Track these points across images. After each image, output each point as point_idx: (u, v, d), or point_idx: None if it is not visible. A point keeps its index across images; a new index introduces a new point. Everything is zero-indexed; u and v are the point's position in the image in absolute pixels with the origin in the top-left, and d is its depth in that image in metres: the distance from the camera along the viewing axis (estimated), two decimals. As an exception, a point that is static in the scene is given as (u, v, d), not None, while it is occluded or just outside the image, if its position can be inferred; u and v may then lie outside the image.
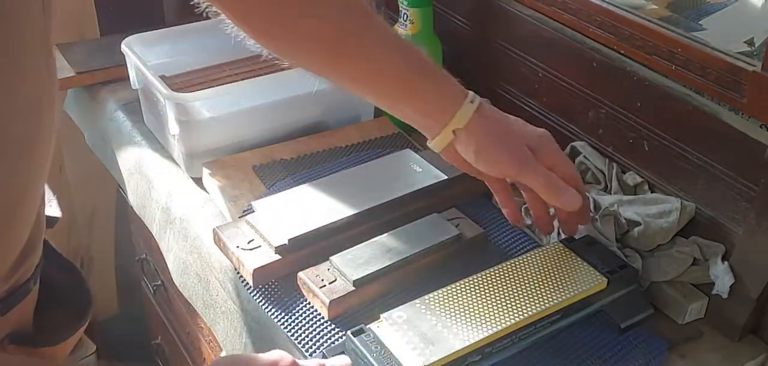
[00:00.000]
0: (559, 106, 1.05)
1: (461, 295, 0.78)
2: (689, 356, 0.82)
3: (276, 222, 0.89)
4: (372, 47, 0.80)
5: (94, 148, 1.29)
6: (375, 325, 0.75)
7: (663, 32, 0.89)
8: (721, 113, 0.85)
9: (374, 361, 0.71)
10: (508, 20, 1.10)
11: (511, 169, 0.81)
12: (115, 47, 1.13)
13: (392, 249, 0.87)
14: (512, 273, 0.82)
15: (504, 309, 0.77)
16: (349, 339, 0.74)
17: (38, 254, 0.64)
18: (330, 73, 0.83)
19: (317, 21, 0.78)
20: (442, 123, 0.80)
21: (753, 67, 0.78)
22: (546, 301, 0.78)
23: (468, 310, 0.76)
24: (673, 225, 0.87)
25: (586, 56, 0.99)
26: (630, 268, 0.85)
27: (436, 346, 0.72)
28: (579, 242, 0.87)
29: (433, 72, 0.82)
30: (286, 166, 1.04)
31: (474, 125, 0.79)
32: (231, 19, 0.79)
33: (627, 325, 0.82)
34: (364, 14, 0.79)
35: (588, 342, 0.81)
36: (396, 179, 0.98)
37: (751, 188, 0.82)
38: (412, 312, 0.76)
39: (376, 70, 0.81)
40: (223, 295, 0.92)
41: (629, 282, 0.84)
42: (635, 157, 0.96)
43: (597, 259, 0.84)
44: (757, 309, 0.83)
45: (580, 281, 0.81)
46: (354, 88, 0.85)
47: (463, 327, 0.75)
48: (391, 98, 0.84)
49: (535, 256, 0.84)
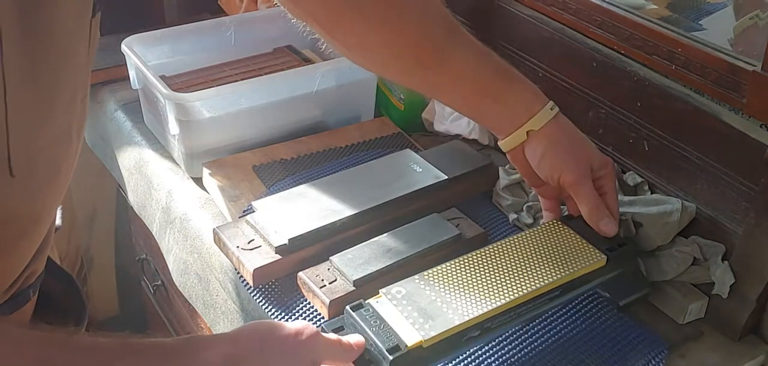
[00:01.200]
0: (559, 106, 1.05)
1: (460, 271, 0.79)
2: (689, 356, 0.82)
3: (276, 222, 0.89)
4: (452, 58, 0.83)
5: (94, 148, 1.29)
6: (374, 300, 0.75)
7: (663, 32, 0.89)
8: (721, 113, 0.85)
9: (373, 335, 0.72)
10: (508, 20, 1.10)
11: (569, 178, 0.84)
12: (115, 47, 1.13)
13: (392, 249, 0.87)
14: (511, 250, 0.82)
15: (503, 285, 0.78)
16: (348, 313, 0.74)
17: (42, 265, 0.65)
18: (408, 83, 0.91)
19: (391, 32, 0.81)
20: (518, 124, 0.84)
21: (753, 67, 0.78)
22: (545, 278, 0.79)
23: (467, 286, 0.77)
24: (674, 226, 0.87)
25: (586, 56, 0.99)
26: (630, 245, 0.85)
27: (434, 320, 0.73)
28: (578, 220, 0.87)
29: (516, 77, 0.86)
30: (286, 166, 1.04)
31: (548, 130, 0.84)
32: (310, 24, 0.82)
33: (625, 303, 0.82)
34: (445, 24, 0.83)
35: (584, 320, 0.81)
36: (396, 179, 0.97)
37: (751, 188, 0.82)
38: (411, 287, 0.76)
39: (455, 79, 0.84)
40: (223, 295, 0.92)
41: (629, 260, 0.85)
42: (635, 157, 0.96)
43: (596, 236, 0.85)
44: (757, 309, 0.83)
45: (580, 258, 0.82)
46: (434, 95, 0.92)
47: (461, 302, 0.75)
48: (472, 103, 0.87)
49: (534, 234, 0.85)
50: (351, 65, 1.10)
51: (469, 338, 0.75)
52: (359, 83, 1.13)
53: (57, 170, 0.57)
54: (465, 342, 0.75)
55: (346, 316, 0.75)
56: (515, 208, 0.97)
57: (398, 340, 0.71)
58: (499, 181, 1.00)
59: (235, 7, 1.34)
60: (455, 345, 0.74)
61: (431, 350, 0.72)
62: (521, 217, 0.96)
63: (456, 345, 0.74)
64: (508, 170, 1.01)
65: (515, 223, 0.96)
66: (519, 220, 0.96)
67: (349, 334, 0.73)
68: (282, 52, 1.21)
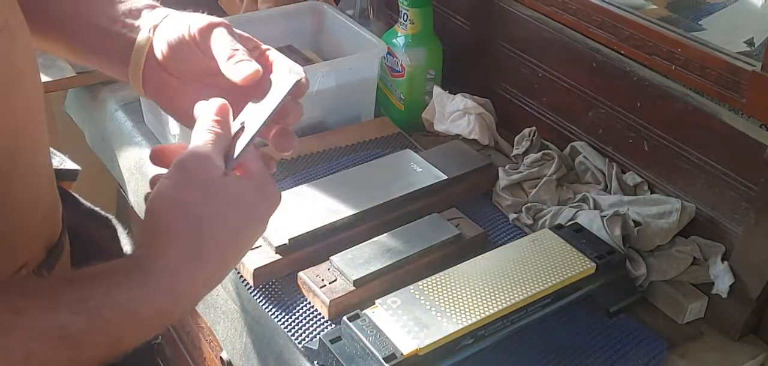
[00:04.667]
0: (559, 106, 1.05)
1: (454, 280, 0.80)
2: (689, 356, 0.82)
3: (276, 222, 0.88)
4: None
5: (95, 148, 1.29)
6: (370, 310, 0.77)
7: (663, 32, 0.89)
8: (721, 113, 0.85)
9: (370, 344, 0.73)
10: (508, 20, 1.10)
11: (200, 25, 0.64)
12: (115, 47, 1.13)
13: (392, 249, 0.87)
14: (503, 259, 0.83)
15: (496, 293, 0.79)
16: (345, 324, 0.75)
17: (59, 208, 0.64)
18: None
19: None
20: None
21: (753, 67, 0.78)
22: (536, 286, 0.80)
23: (460, 295, 0.78)
24: (673, 226, 0.87)
25: (586, 56, 0.99)
26: (617, 253, 0.86)
27: (429, 329, 0.74)
28: (567, 229, 0.89)
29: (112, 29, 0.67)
30: (286, 166, 1.04)
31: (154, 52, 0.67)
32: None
33: (615, 309, 0.83)
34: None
35: (577, 325, 0.82)
36: (396, 179, 0.98)
37: (751, 188, 0.82)
38: (406, 297, 0.78)
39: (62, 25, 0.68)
40: (223, 295, 0.92)
41: (617, 267, 0.85)
42: (635, 157, 0.96)
43: (585, 245, 0.86)
44: (757, 309, 0.83)
45: (569, 266, 0.83)
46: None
47: (456, 311, 0.76)
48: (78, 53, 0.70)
49: (525, 243, 0.86)
50: (351, 65, 1.10)
51: (463, 346, 0.76)
52: (359, 83, 1.13)
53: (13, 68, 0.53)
54: (459, 350, 0.76)
55: (343, 327, 0.76)
56: (515, 208, 0.97)
57: (394, 349, 0.72)
58: (499, 181, 1.00)
59: (235, 7, 1.34)
60: (450, 353, 0.75)
61: (427, 358, 0.73)
62: (521, 217, 0.96)
63: (451, 353, 0.75)
64: (508, 170, 1.01)
65: (515, 223, 0.96)
66: (519, 220, 0.96)
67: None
68: (282, 52, 1.21)
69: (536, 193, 0.97)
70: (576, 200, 0.96)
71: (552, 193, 0.97)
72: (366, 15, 1.28)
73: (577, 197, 0.96)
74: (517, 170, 1.01)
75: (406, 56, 1.13)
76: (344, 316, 0.76)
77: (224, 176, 0.56)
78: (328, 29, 1.23)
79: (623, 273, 0.86)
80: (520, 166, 1.02)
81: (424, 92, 1.16)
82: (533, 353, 0.79)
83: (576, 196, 0.97)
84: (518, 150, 1.04)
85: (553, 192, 0.97)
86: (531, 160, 1.00)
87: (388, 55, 1.14)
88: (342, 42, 1.19)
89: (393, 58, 1.14)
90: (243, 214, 0.57)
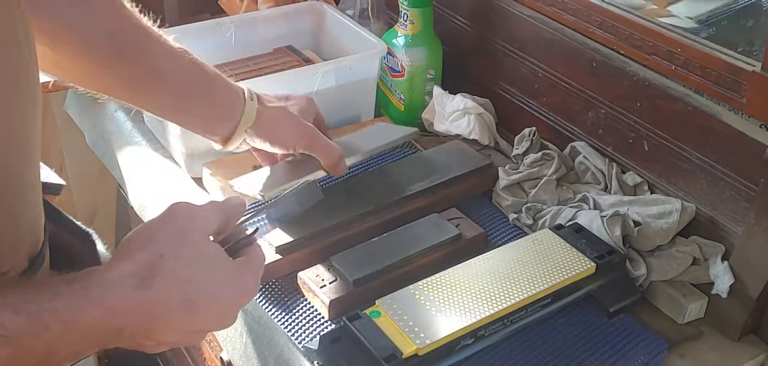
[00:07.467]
0: (559, 106, 1.05)
1: (454, 280, 0.80)
2: (689, 356, 0.82)
3: (276, 222, 0.89)
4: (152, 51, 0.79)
5: (95, 148, 1.29)
6: (370, 310, 0.77)
7: (663, 32, 0.89)
8: (721, 113, 0.85)
9: (370, 345, 0.73)
10: (508, 20, 1.10)
11: (304, 143, 0.88)
12: (115, 47, 1.13)
13: (392, 249, 0.87)
14: (503, 259, 0.84)
15: (495, 294, 0.79)
16: (345, 324, 0.76)
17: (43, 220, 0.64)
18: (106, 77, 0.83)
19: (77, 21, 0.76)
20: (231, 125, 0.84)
21: (753, 67, 0.79)
22: (536, 286, 0.80)
23: (460, 295, 0.78)
24: (673, 226, 0.87)
25: (586, 56, 0.99)
26: (617, 253, 0.86)
27: (429, 329, 0.74)
28: (567, 229, 0.89)
29: (213, 74, 0.83)
30: (287, 166, 1.04)
31: (262, 119, 0.85)
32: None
33: (615, 309, 0.83)
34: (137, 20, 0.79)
35: (577, 325, 0.82)
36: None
37: (751, 188, 0.82)
38: (406, 297, 0.78)
39: (158, 72, 0.80)
40: (223, 295, 0.92)
41: (617, 267, 0.85)
42: (635, 157, 0.96)
43: (585, 245, 0.86)
44: (757, 309, 0.83)
45: (569, 266, 0.83)
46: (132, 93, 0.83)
47: (455, 311, 0.76)
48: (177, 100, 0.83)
49: (524, 243, 0.86)
50: (351, 65, 1.10)
51: (463, 346, 0.76)
52: (359, 83, 1.13)
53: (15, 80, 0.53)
54: (459, 350, 0.76)
55: (343, 327, 0.76)
56: (515, 208, 0.97)
57: (394, 350, 0.72)
58: (499, 181, 1.00)
59: (236, 7, 1.34)
60: (450, 353, 0.75)
61: (427, 358, 0.73)
62: (521, 217, 0.96)
63: (451, 353, 0.75)
64: (508, 170, 1.01)
65: (515, 223, 0.96)
66: (519, 220, 0.96)
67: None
68: (282, 52, 1.21)
69: (536, 193, 0.97)
70: (576, 200, 0.96)
71: (552, 193, 0.97)
72: (366, 15, 1.28)
73: (577, 197, 0.96)
74: (517, 170, 1.01)
75: (406, 56, 1.13)
76: (344, 316, 0.76)
77: (206, 238, 0.57)
78: (328, 29, 1.23)
79: (623, 273, 0.86)
80: (520, 166, 1.02)
81: (424, 92, 1.16)
82: (533, 353, 0.79)
83: (576, 196, 0.97)
84: (518, 150, 1.04)
85: (553, 192, 0.97)
86: (531, 160, 1.00)
87: (388, 55, 1.14)
88: (342, 42, 1.19)
89: (393, 58, 1.14)
90: (207, 278, 0.58)
